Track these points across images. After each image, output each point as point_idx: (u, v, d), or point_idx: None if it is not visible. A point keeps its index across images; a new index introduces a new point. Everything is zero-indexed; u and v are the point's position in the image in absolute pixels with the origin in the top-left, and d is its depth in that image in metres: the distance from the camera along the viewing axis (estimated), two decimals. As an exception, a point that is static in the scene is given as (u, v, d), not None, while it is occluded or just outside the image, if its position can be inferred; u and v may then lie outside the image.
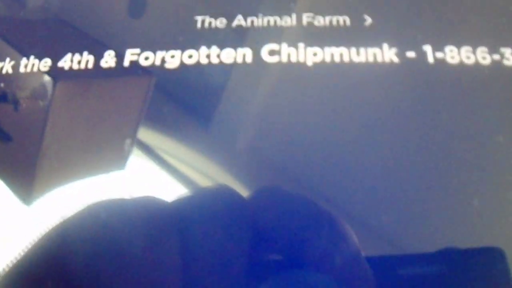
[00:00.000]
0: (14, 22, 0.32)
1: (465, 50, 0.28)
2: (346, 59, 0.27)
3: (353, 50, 0.27)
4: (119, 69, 0.28)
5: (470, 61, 0.28)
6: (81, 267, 0.14)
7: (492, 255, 0.16)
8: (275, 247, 0.16)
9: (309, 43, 0.27)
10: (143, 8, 0.31)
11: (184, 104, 0.28)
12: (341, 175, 0.26)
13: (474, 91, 0.28)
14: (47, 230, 0.15)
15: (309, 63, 0.27)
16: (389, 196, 0.25)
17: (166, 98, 0.28)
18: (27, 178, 0.26)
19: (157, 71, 0.27)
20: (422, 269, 0.16)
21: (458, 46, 0.28)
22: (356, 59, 0.27)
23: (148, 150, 0.27)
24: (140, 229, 0.14)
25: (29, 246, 0.15)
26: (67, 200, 0.25)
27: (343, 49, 0.27)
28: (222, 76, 0.28)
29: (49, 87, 0.27)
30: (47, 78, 0.28)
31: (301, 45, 0.28)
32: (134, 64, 0.28)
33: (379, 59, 0.27)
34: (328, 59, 0.27)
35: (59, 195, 0.25)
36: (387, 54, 0.27)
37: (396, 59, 0.27)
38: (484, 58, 0.28)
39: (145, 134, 0.27)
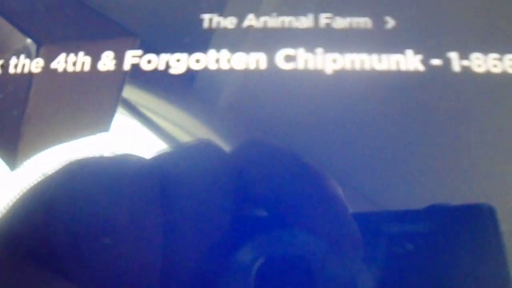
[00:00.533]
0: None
1: (492, 58, 0.26)
2: (367, 66, 0.25)
3: (375, 56, 0.25)
4: (119, 71, 0.26)
5: (497, 69, 0.26)
6: (61, 225, 0.14)
7: (481, 212, 0.16)
8: (260, 202, 0.15)
9: (328, 48, 0.25)
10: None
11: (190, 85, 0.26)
12: (359, 174, 0.24)
13: (501, 101, 0.26)
14: (26, 188, 0.14)
15: (328, 70, 0.25)
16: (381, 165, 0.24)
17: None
18: (11, 142, 0.26)
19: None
20: (409, 226, 0.16)
21: (485, 53, 0.26)
22: (378, 66, 0.25)
23: (132, 108, 0.26)
24: (120, 186, 0.14)
25: (8, 205, 0.14)
26: (52, 163, 0.24)
27: (364, 56, 0.25)
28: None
29: (33, 50, 0.27)
30: (30, 41, 0.27)
31: (319, 50, 0.25)
32: (135, 66, 0.26)
33: (403, 67, 0.25)
34: (348, 66, 0.25)
35: (44, 158, 0.25)
36: (411, 61, 0.25)
37: (421, 67, 0.25)
38: (512, 66, 0.26)
39: (129, 93, 0.26)
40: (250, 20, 0.26)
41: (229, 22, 0.26)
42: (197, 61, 0.25)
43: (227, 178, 0.15)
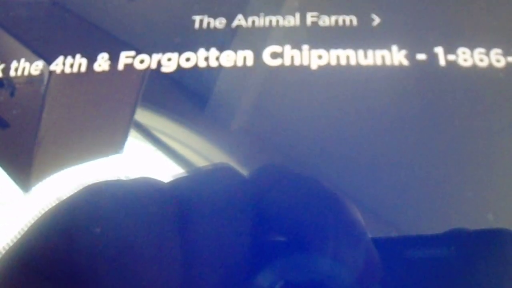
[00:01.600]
0: (9, 6, 0.31)
1: (478, 52, 0.26)
2: (352, 61, 0.26)
3: (360, 52, 0.26)
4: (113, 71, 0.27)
5: (484, 63, 0.26)
6: (79, 248, 0.13)
7: (501, 237, 0.16)
8: (278, 227, 0.15)
9: (313, 45, 0.26)
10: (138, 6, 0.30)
11: (179, 85, 0.27)
12: (344, 168, 0.25)
13: (488, 94, 0.27)
14: (44, 212, 0.14)
15: (314, 66, 0.25)
16: (391, 180, 0.24)
17: (162, 80, 0.27)
18: (24, 164, 0.26)
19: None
20: (430, 251, 0.16)
21: (471, 48, 0.26)
22: (363, 61, 0.26)
23: (144, 131, 0.26)
24: (138, 210, 0.14)
25: (26, 229, 0.14)
26: (65, 185, 0.24)
27: (349, 51, 0.26)
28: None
29: (45, 71, 0.27)
30: (42, 63, 0.27)
31: (305, 47, 0.26)
32: (129, 67, 0.26)
33: (388, 61, 0.26)
34: (333, 62, 0.26)
35: (57, 180, 0.25)
36: (396, 56, 0.26)
37: (405, 62, 0.26)
38: (498, 60, 0.26)
39: (141, 116, 0.26)
40: (239, 20, 0.27)
41: (218, 23, 0.27)
42: (187, 59, 0.26)
43: (246, 203, 0.15)
